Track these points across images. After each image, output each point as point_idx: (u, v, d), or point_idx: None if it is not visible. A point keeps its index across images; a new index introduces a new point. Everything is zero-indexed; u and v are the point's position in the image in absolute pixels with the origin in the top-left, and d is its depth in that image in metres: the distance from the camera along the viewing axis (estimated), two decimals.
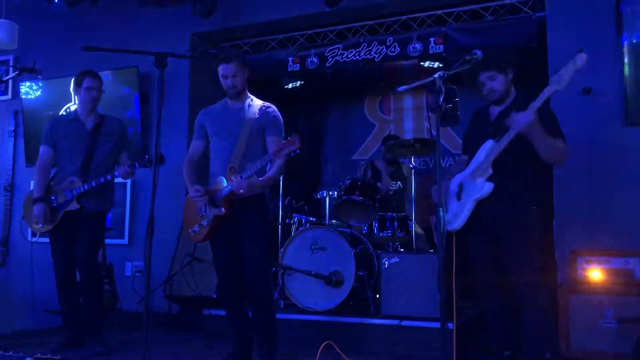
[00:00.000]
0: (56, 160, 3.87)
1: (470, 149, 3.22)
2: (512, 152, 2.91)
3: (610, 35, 3.98)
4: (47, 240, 3.84)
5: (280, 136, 3.27)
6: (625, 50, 3.91)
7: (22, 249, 5.63)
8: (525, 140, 2.85)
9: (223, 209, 3.15)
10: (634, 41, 2.19)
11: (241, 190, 3.06)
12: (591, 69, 3.77)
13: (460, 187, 3.12)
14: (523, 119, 2.77)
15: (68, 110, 5.56)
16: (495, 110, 3.15)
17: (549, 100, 2.92)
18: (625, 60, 3.90)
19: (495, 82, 3.04)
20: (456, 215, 3.09)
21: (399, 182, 5.33)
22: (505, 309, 3.07)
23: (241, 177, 3.05)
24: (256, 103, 3.35)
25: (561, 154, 2.94)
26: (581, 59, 2.71)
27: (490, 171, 2.97)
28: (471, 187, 3.04)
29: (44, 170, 3.83)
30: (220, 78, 3.28)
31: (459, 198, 3.12)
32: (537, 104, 2.79)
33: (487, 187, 2.96)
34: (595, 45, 3.84)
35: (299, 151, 2.97)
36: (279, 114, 3.35)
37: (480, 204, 3.00)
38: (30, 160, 5.84)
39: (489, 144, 3.01)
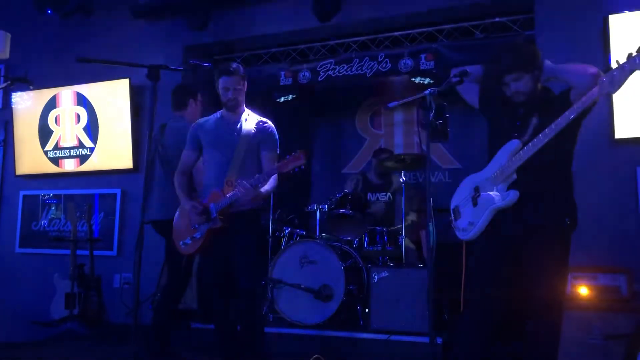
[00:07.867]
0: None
1: (492, 132, 2.83)
2: (542, 154, 2.53)
3: (598, 55, 4.04)
4: (32, 251, 3.77)
5: (275, 152, 3.29)
6: None
7: (8, 260, 5.60)
8: (559, 141, 2.51)
9: (219, 221, 3.15)
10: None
11: (246, 197, 3.04)
12: None
13: (477, 191, 2.76)
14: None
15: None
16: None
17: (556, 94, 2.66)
18: None
19: (521, 84, 2.65)
20: (472, 224, 2.73)
21: (388, 194, 5.35)
22: (492, 323, 2.70)
23: (250, 184, 3.03)
24: (253, 117, 3.36)
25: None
26: None
27: (515, 177, 2.61)
28: (490, 193, 2.69)
29: None
30: (220, 90, 3.28)
31: (474, 204, 2.75)
32: (563, 121, 2.44)
33: (512, 196, 2.58)
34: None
35: (303, 167, 2.97)
36: (274, 129, 3.37)
37: (500, 212, 2.64)
38: (20, 170, 5.82)
39: (513, 144, 2.63)
